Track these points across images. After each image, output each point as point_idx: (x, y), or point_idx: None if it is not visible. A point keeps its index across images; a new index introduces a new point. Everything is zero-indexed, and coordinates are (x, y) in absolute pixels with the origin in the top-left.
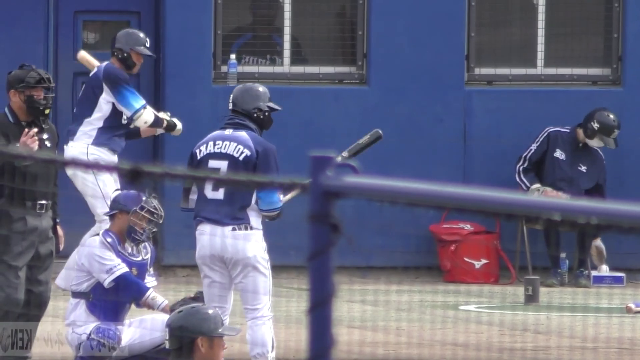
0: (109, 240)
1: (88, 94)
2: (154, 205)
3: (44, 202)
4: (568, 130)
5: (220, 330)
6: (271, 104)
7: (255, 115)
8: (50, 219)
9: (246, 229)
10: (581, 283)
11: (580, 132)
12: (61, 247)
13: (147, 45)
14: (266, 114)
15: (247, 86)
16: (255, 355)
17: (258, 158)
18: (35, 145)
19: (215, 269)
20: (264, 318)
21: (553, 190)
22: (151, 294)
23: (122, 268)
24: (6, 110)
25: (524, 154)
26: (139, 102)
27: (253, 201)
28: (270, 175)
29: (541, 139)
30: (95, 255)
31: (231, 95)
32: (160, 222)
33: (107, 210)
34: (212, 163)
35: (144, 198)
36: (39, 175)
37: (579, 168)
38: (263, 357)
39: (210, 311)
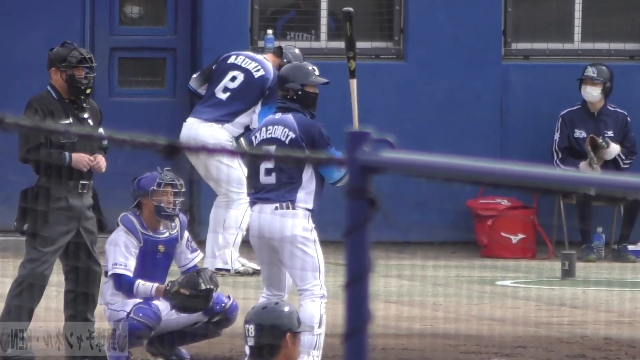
0: (129, 224)
1: None
2: (170, 177)
3: (86, 182)
4: (579, 105)
5: (301, 326)
6: (308, 80)
7: (289, 97)
8: (91, 197)
9: (287, 207)
10: (629, 258)
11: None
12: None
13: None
14: (299, 93)
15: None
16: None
17: (304, 140)
18: (101, 167)
19: (265, 250)
20: (313, 296)
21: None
22: (138, 284)
23: (120, 269)
24: (49, 87)
25: (553, 147)
26: None
27: (304, 181)
28: (320, 152)
29: (559, 126)
30: (111, 245)
31: None
32: (183, 190)
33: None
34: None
35: (159, 175)
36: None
37: (606, 135)
38: (309, 332)
39: (286, 308)
